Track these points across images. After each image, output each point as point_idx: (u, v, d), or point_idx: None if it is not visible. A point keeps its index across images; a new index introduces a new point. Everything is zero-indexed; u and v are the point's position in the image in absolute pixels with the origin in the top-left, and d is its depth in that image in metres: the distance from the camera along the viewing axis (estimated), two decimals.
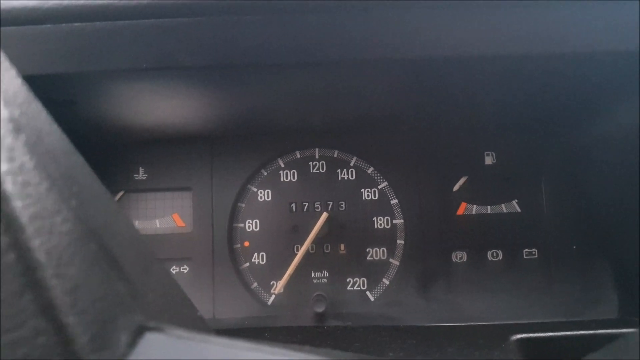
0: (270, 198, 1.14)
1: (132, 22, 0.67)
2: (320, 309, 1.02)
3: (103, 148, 1.12)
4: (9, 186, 0.28)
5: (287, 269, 1.08)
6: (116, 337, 0.30)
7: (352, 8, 0.69)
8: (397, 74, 0.84)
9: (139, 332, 0.31)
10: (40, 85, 0.44)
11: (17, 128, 0.31)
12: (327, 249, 1.13)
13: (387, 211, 1.14)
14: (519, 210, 1.13)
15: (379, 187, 1.14)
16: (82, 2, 0.69)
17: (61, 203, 0.31)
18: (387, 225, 1.13)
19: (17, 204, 0.28)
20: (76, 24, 0.70)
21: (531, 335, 0.81)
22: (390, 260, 1.12)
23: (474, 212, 1.13)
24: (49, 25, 0.70)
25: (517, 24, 0.71)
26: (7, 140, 0.30)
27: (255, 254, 1.13)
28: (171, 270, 1.11)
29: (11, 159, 0.29)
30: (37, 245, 0.28)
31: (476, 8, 0.69)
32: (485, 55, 0.74)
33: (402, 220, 1.13)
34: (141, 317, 0.32)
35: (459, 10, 0.70)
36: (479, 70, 0.82)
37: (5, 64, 0.35)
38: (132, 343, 0.30)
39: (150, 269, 0.38)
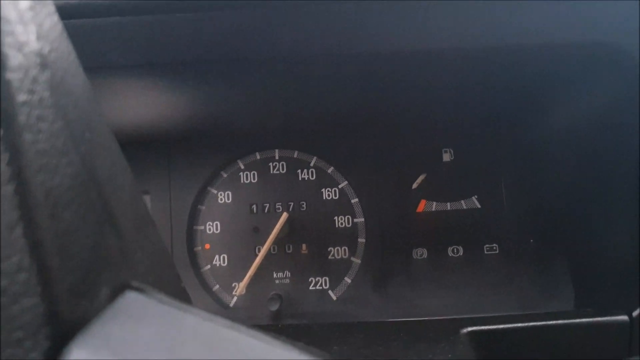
0: (230, 200, 1.14)
1: (70, 22, 0.68)
2: (274, 307, 1.02)
3: None
4: (23, 118, 0.28)
5: (248, 271, 1.08)
6: (97, 289, 0.30)
7: (307, 3, 0.69)
8: (354, 71, 0.85)
9: (121, 289, 0.31)
10: None
11: (44, 63, 0.31)
12: (288, 249, 1.13)
13: (348, 210, 1.14)
14: (479, 206, 1.13)
15: (339, 186, 1.15)
16: None
17: (71, 145, 0.30)
18: (348, 224, 1.13)
19: (27, 137, 0.28)
20: None
21: (481, 327, 0.82)
22: (352, 258, 1.12)
23: (433, 209, 1.13)
24: None
25: (472, 17, 0.72)
26: (32, 72, 0.30)
27: (217, 256, 1.13)
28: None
29: (31, 92, 0.29)
30: (39, 182, 0.27)
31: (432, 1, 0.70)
32: (441, 48, 0.75)
33: (362, 219, 1.13)
34: (126, 275, 0.32)
35: (416, 4, 0.70)
36: (435, 64, 0.83)
37: None
38: (112, 298, 0.30)
39: (143, 229, 0.38)
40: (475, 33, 0.74)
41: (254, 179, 1.15)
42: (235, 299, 1.11)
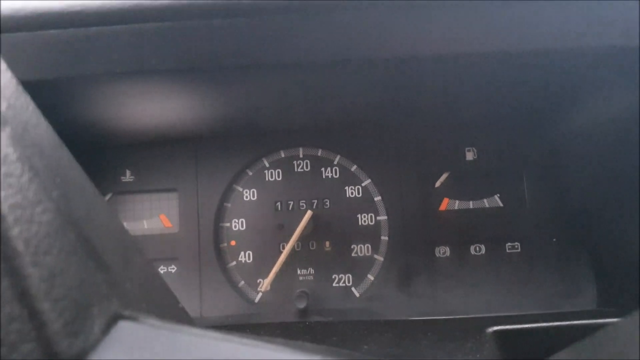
0: (255, 197, 1.16)
1: (110, 28, 0.69)
2: (301, 304, 1.04)
3: (90, 151, 1.14)
4: None
5: (273, 267, 1.10)
6: (90, 324, 0.30)
7: (333, 8, 0.70)
8: (377, 73, 0.86)
9: (113, 320, 0.32)
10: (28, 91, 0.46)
11: (4, 121, 0.32)
12: (312, 246, 1.14)
13: (371, 208, 1.15)
14: (501, 204, 1.14)
15: (363, 184, 1.16)
16: (64, 8, 0.70)
17: (42, 194, 0.31)
18: (371, 222, 1.15)
19: None
20: (55, 31, 0.71)
21: (507, 327, 0.83)
22: (375, 256, 1.14)
23: (456, 208, 1.14)
24: (31, 33, 0.72)
25: (495, 22, 0.72)
26: None
27: (242, 253, 1.15)
28: (159, 270, 1.13)
29: None
30: (16, 233, 0.28)
31: (456, 7, 0.71)
32: (465, 53, 0.76)
33: (385, 217, 1.14)
34: (117, 305, 0.33)
35: (440, 9, 0.71)
36: (459, 67, 0.83)
37: None
38: (106, 330, 0.31)
39: (130, 259, 0.38)
40: (498, 37, 0.74)
41: (278, 177, 1.17)
42: (260, 295, 1.13)
